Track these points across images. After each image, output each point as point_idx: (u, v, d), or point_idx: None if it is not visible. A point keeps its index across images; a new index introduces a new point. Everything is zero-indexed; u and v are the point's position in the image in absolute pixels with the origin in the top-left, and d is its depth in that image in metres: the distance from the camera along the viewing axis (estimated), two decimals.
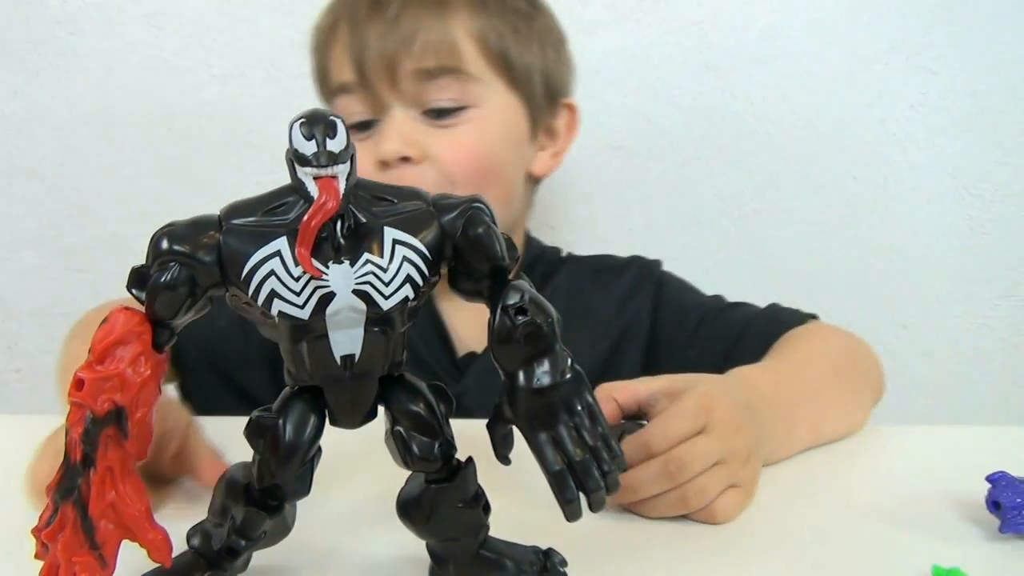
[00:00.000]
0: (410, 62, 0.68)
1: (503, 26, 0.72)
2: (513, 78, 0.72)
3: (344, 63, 0.70)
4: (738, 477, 0.48)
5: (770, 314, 0.77)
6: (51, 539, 0.31)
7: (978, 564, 0.40)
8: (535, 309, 0.33)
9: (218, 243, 0.32)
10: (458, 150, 0.69)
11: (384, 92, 0.69)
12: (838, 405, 0.61)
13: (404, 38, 0.68)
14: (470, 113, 0.70)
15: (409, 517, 0.36)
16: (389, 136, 0.68)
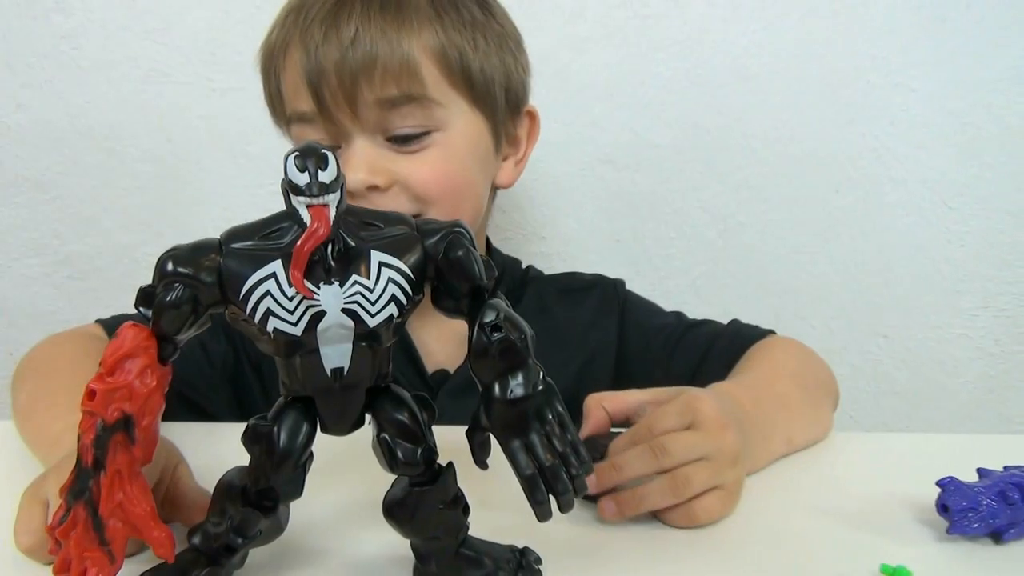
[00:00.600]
0: (370, 92, 0.65)
1: (462, 40, 0.69)
2: (475, 95, 0.70)
3: (300, 91, 0.67)
4: (724, 478, 0.49)
5: (732, 331, 0.79)
6: (64, 536, 0.34)
7: (926, 563, 0.43)
8: (510, 326, 0.36)
9: (218, 265, 0.34)
10: (428, 172, 0.67)
11: (345, 122, 0.66)
12: (805, 415, 0.64)
13: (363, 65, 0.65)
14: (435, 137, 0.68)
15: (394, 518, 0.39)
16: (354, 166, 0.65)
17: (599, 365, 0.80)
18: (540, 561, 0.42)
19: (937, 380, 1.13)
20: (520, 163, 0.80)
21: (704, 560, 0.45)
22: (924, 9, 1.03)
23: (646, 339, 0.80)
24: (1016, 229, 1.08)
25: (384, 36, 0.65)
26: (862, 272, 1.10)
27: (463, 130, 0.70)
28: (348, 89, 0.65)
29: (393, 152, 0.67)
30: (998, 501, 0.44)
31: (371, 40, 0.65)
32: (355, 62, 0.64)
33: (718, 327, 0.81)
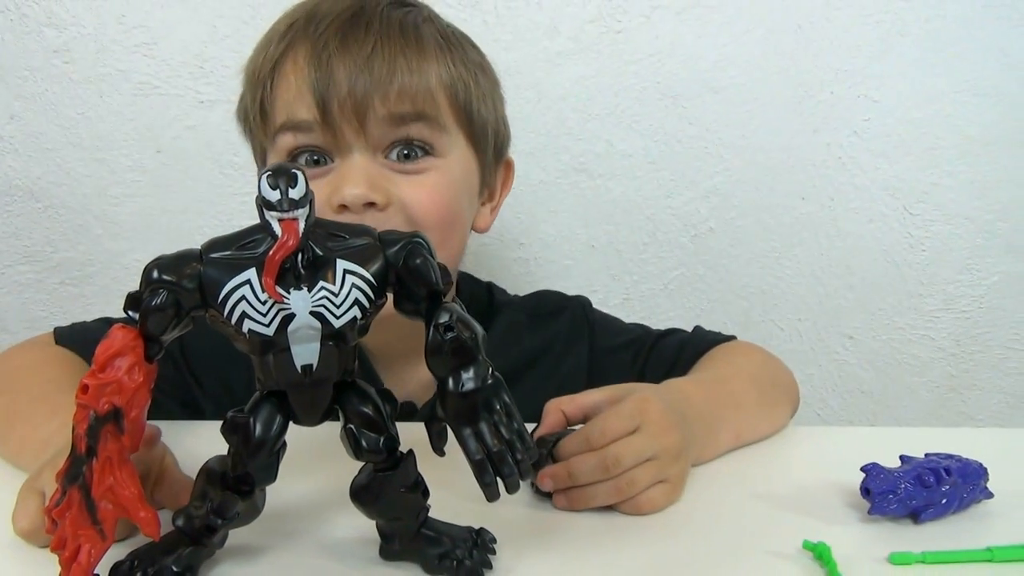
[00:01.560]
0: (383, 106, 0.63)
1: (467, 78, 0.69)
2: (472, 133, 0.70)
3: (302, 100, 0.64)
4: (668, 473, 0.53)
5: (697, 338, 0.82)
6: (60, 517, 0.38)
7: (847, 540, 0.47)
8: (461, 326, 0.39)
9: (199, 273, 0.38)
10: (425, 196, 0.66)
11: (349, 135, 0.64)
12: (757, 413, 0.67)
13: (380, 80, 0.63)
14: (435, 162, 0.67)
15: (360, 501, 0.43)
16: (353, 180, 0.63)
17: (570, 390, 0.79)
18: (495, 541, 0.46)
19: (901, 379, 1.17)
20: (494, 211, 0.79)
21: (646, 540, 0.49)
22: (885, 24, 1.07)
23: (616, 357, 0.82)
24: (975, 234, 1.12)
25: (403, 56, 0.64)
26: (828, 275, 1.13)
27: (460, 162, 0.70)
28: (359, 100, 0.63)
29: (391, 172, 0.66)
30: (915, 484, 0.49)
31: (390, 57, 0.64)
32: (372, 76, 0.63)
33: (683, 335, 0.83)
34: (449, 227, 0.68)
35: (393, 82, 0.63)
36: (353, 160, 0.65)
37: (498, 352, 0.81)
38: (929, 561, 0.45)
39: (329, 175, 0.66)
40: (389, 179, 0.65)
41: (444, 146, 0.68)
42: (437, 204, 0.66)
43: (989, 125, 1.09)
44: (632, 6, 1.06)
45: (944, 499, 0.49)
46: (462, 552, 0.44)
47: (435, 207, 0.66)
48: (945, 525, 0.50)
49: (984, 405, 1.18)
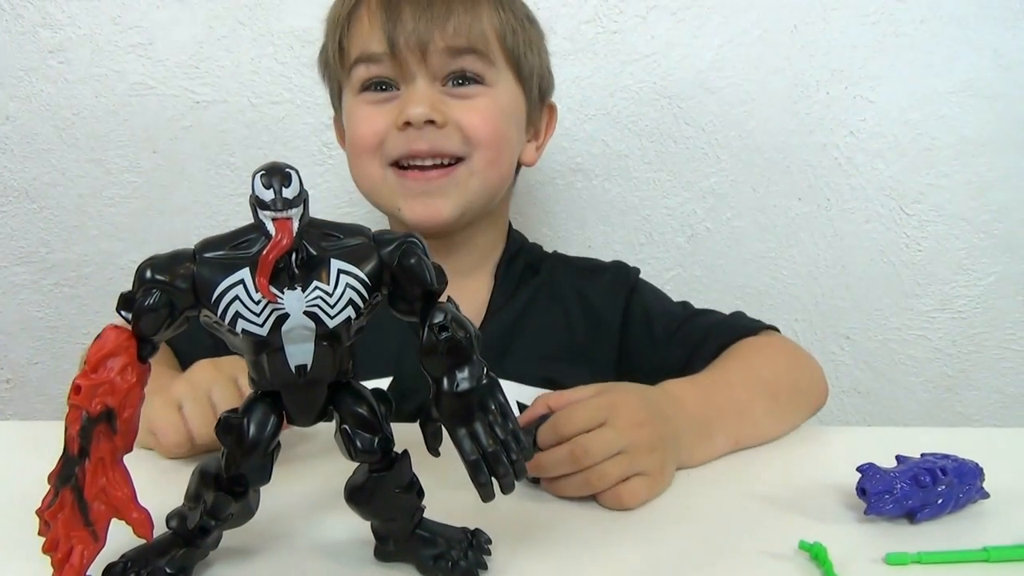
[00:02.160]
0: (441, 39, 0.73)
1: (516, 26, 0.79)
2: (519, 73, 0.79)
3: (374, 35, 0.75)
4: (642, 466, 0.53)
5: (730, 323, 0.81)
6: (52, 518, 0.37)
7: (844, 541, 0.47)
8: (456, 326, 0.39)
9: (192, 273, 0.38)
10: (477, 117, 0.75)
11: (413, 64, 0.74)
12: (762, 420, 0.66)
13: (438, 17, 0.73)
14: (485, 90, 0.77)
15: (355, 501, 0.43)
16: (417, 100, 0.73)
17: (605, 342, 0.83)
18: (490, 541, 0.45)
19: (898, 379, 1.17)
20: (540, 148, 0.88)
21: (642, 540, 0.49)
22: (881, 25, 1.07)
23: (649, 323, 0.83)
24: (971, 234, 1.12)
25: (460, 1, 0.75)
26: (824, 276, 1.13)
27: (508, 94, 0.79)
28: (422, 34, 0.73)
29: (449, 96, 0.76)
30: (911, 484, 0.48)
31: (447, 2, 0.74)
32: (432, 15, 0.73)
33: (718, 318, 0.83)
34: (499, 146, 0.78)
35: (450, 21, 0.74)
36: (416, 85, 0.75)
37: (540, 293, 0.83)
38: (925, 561, 0.45)
39: (395, 100, 0.76)
40: (446, 103, 0.75)
41: (493, 78, 0.77)
42: (488, 124, 0.76)
43: (985, 126, 1.09)
44: (628, 7, 1.07)
45: (940, 499, 0.49)
46: (457, 553, 0.44)
47: (485, 127, 0.76)
48: (941, 525, 0.50)
49: (980, 405, 1.18)
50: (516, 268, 0.86)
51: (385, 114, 0.76)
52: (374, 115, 0.76)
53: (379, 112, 0.76)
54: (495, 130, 0.77)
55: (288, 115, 1.08)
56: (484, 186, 0.78)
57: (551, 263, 0.89)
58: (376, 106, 0.77)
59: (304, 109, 1.08)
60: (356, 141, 0.78)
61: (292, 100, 1.08)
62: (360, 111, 0.78)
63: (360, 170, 0.79)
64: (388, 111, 0.75)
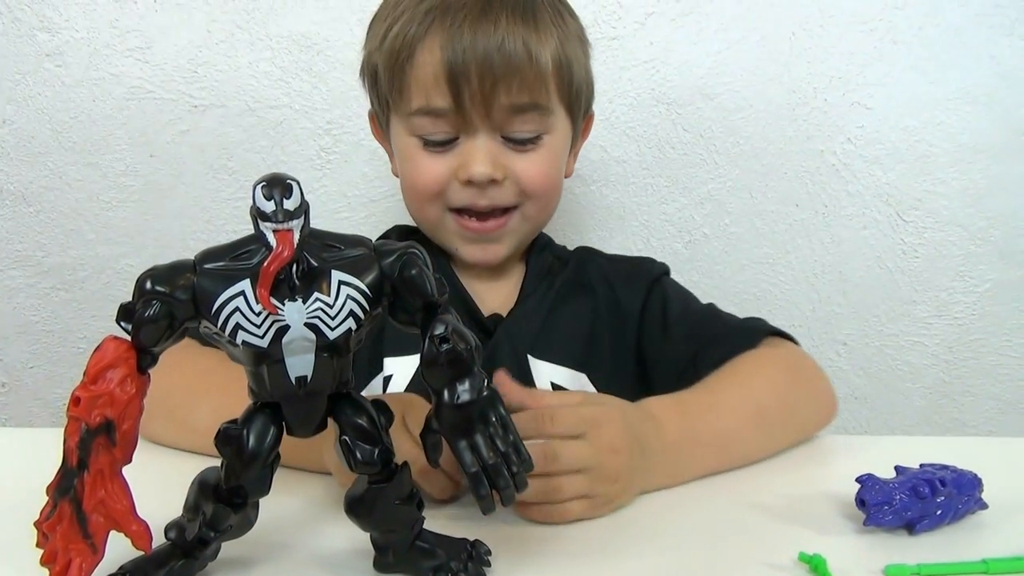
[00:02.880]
0: (507, 97, 0.72)
1: (572, 51, 0.77)
2: (571, 102, 0.79)
3: (438, 88, 0.72)
4: (597, 491, 0.52)
5: (742, 329, 0.78)
6: (51, 530, 0.37)
7: (843, 552, 0.47)
8: (457, 338, 0.39)
9: (193, 284, 0.38)
10: (537, 172, 0.76)
11: (476, 119, 0.73)
12: (745, 447, 0.64)
13: (505, 73, 0.71)
14: (544, 139, 0.77)
15: (354, 513, 0.43)
16: (480, 159, 0.73)
17: (626, 330, 0.84)
18: (490, 553, 0.45)
19: (895, 386, 1.17)
20: (575, 157, 0.88)
21: (641, 552, 0.49)
22: (878, 32, 1.08)
23: (664, 315, 0.83)
24: (967, 241, 1.13)
25: (524, 44, 0.72)
26: (821, 282, 1.14)
27: (561, 133, 0.79)
28: (487, 92, 0.71)
29: (508, 150, 0.76)
30: (910, 496, 0.49)
31: (515, 49, 0.71)
32: (498, 68, 0.71)
33: (734, 322, 0.81)
34: (552, 194, 0.81)
35: (515, 77, 0.72)
36: (478, 141, 0.75)
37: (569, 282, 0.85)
38: (924, 573, 0.45)
39: (455, 150, 0.76)
40: (507, 156, 0.76)
41: (551, 125, 0.77)
42: (544, 177, 0.78)
43: (981, 132, 1.10)
44: (627, 13, 1.07)
45: (939, 510, 0.49)
46: (457, 565, 0.44)
47: (543, 180, 0.78)
48: (940, 536, 0.50)
49: (977, 411, 1.19)
50: (545, 259, 0.87)
51: (445, 163, 0.76)
52: (434, 164, 0.76)
53: (439, 161, 0.76)
54: (550, 181, 0.79)
55: (286, 119, 1.08)
56: (535, 226, 0.83)
57: (579, 254, 0.91)
58: (436, 154, 0.76)
59: (302, 114, 1.08)
60: (415, 186, 0.78)
61: (290, 104, 1.08)
62: (419, 156, 0.77)
63: (419, 210, 0.80)
64: (448, 160, 0.75)
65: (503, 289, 0.85)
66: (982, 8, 1.07)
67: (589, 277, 0.87)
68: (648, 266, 0.89)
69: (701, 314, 0.83)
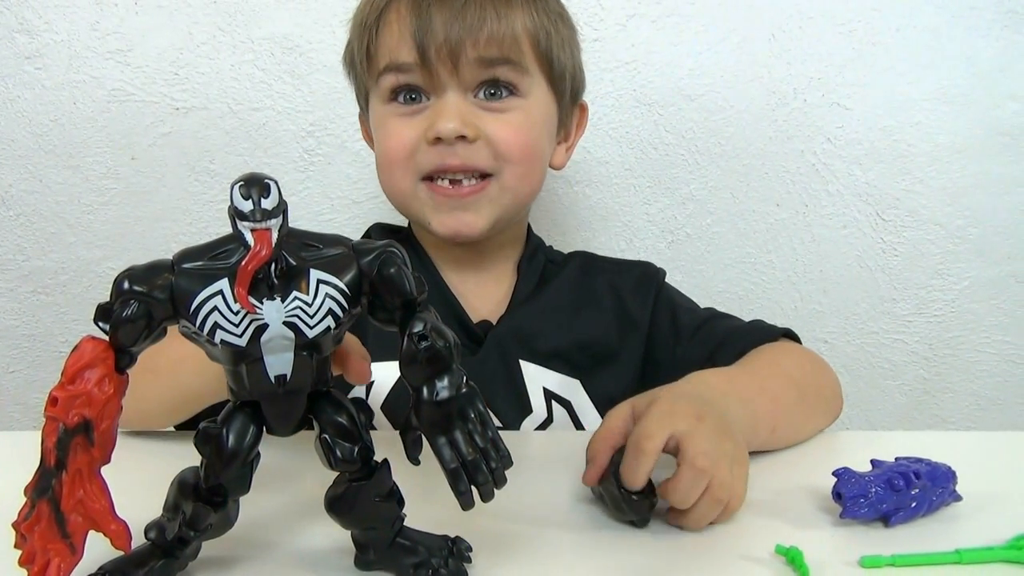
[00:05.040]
0: (473, 49, 0.71)
1: (549, 26, 0.76)
2: (552, 77, 0.77)
3: (403, 44, 0.72)
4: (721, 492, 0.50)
5: (749, 328, 0.80)
6: (29, 531, 0.37)
7: (819, 544, 0.48)
8: (435, 335, 0.39)
9: (171, 283, 0.38)
10: (512, 132, 0.74)
11: (444, 75, 0.71)
12: (793, 413, 0.65)
13: (471, 27, 0.70)
14: (518, 101, 0.74)
15: (335, 511, 0.43)
16: (448, 115, 0.71)
17: (634, 338, 0.83)
18: (471, 549, 0.46)
19: (876, 383, 1.18)
20: (569, 149, 0.86)
21: (620, 547, 0.49)
22: (857, 34, 1.09)
23: (674, 319, 0.83)
24: (946, 239, 1.14)
25: (492, 7, 0.72)
26: (802, 281, 1.15)
27: (540, 101, 0.77)
28: (453, 45, 0.70)
29: (480, 109, 0.73)
30: (885, 488, 0.49)
31: (480, 7, 0.71)
32: (464, 23, 0.70)
33: (738, 323, 0.82)
34: (530, 161, 0.76)
35: (483, 29, 0.71)
36: (447, 98, 0.73)
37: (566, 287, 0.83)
38: (899, 564, 0.46)
39: (425, 111, 0.74)
40: (478, 116, 0.73)
41: (526, 87, 0.75)
42: (520, 139, 0.75)
43: (959, 132, 1.11)
44: (608, 15, 1.07)
45: (914, 502, 0.50)
46: (438, 561, 0.44)
47: (518, 142, 0.74)
48: (915, 528, 0.51)
49: (956, 407, 1.20)
50: (538, 263, 0.86)
51: (415, 126, 0.74)
52: (404, 127, 0.75)
53: (409, 124, 0.75)
54: (526, 144, 0.75)
55: (269, 121, 1.08)
56: (515, 199, 0.78)
57: (578, 260, 0.89)
58: (406, 118, 0.75)
59: (285, 116, 1.08)
60: (386, 153, 0.77)
61: (273, 107, 1.08)
62: (389, 122, 0.76)
63: (390, 181, 0.78)
64: (418, 123, 0.74)
65: (494, 295, 0.83)
66: (959, 10, 1.08)
67: (593, 286, 0.85)
68: (652, 272, 0.89)
69: (708, 315, 0.84)
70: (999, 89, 1.10)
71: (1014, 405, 1.19)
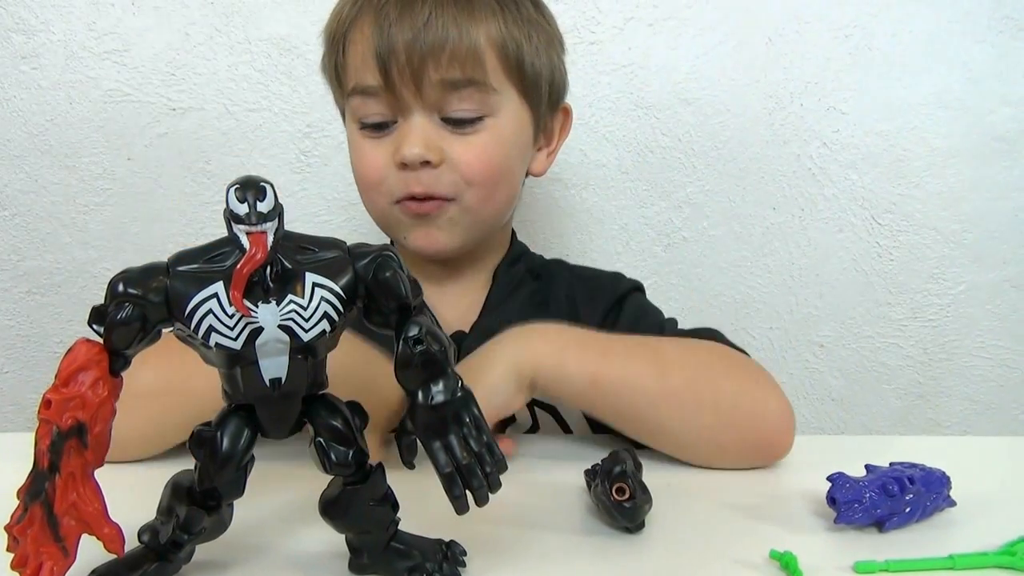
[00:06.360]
0: (436, 72, 0.69)
1: (519, 34, 0.74)
2: (525, 87, 0.75)
3: (367, 66, 0.71)
4: None
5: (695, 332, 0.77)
6: (22, 534, 0.37)
7: (813, 549, 0.48)
8: (431, 339, 0.39)
9: (165, 286, 0.38)
10: (475, 156, 0.72)
11: (408, 97, 0.70)
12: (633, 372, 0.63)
13: (433, 47, 0.69)
14: (486, 122, 0.73)
15: (329, 515, 0.43)
16: (412, 140, 0.70)
17: None
18: (465, 553, 0.45)
19: (871, 387, 1.19)
20: (551, 155, 0.85)
21: (614, 551, 0.49)
22: (854, 38, 1.09)
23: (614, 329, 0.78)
24: (941, 244, 1.14)
25: (455, 23, 0.70)
26: (798, 284, 1.15)
27: (511, 117, 0.75)
28: (416, 68, 0.69)
29: (447, 132, 0.72)
30: (880, 494, 0.49)
31: (442, 25, 0.69)
32: (425, 43, 0.69)
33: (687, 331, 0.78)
34: (494, 183, 0.75)
35: (444, 49, 0.69)
36: (413, 121, 0.72)
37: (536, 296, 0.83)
38: (892, 569, 0.46)
39: (392, 134, 0.73)
40: (444, 138, 0.72)
41: (494, 105, 0.73)
42: (484, 163, 0.73)
43: (954, 137, 1.11)
44: (606, 18, 1.07)
45: (908, 508, 0.50)
46: (432, 565, 0.44)
47: (482, 166, 0.73)
48: (909, 533, 0.51)
49: (952, 412, 1.20)
50: (516, 272, 0.85)
51: (383, 148, 0.73)
52: (373, 150, 0.74)
53: (378, 147, 0.74)
54: (490, 168, 0.73)
55: (265, 123, 1.08)
56: (478, 220, 0.76)
57: (552, 268, 0.88)
58: (374, 140, 0.74)
59: (282, 117, 1.08)
60: (359, 175, 0.76)
61: (269, 108, 1.08)
62: (362, 144, 0.75)
63: (368, 202, 0.78)
64: (386, 145, 0.73)
65: (466, 303, 0.82)
66: (954, 15, 1.08)
67: (557, 295, 0.84)
68: (615, 284, 0.86)
69: (653, 327, 0.79)
70: (994, 94, 1.10)
71: (1009, 410, 1.20)
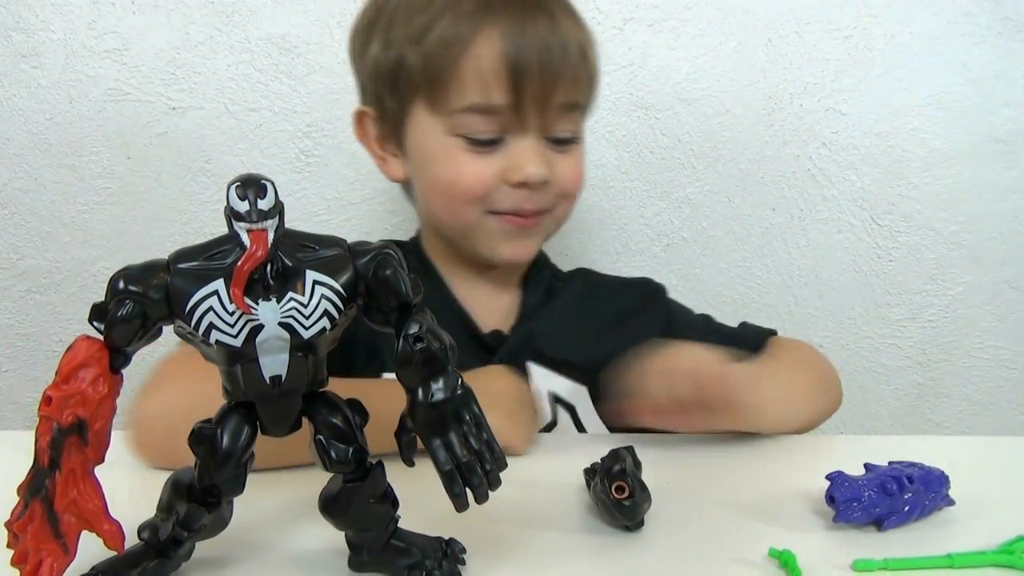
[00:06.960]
0: (563, 95, 0.70)
1: (594, 55, 0.77)
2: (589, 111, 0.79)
3: (497, 83, 0.68)
4: None
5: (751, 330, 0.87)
6: (22, 531, 0.37)
7: (812, 548, 0.48)
8: (431, 337, 0.39)
9: (166, 284, 0.38)
10: (574, 172, 0.76)
11: (531, 119, 0.70)
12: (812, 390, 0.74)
13: (562, 65, 0.68)
14: (578, 141, 0.77)
15: (329, 512, 0.43)
16: (536, 161, 0.70)
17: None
18: (465, 551, 0.46)
19: (870, 387, 1.19)
20: None
21: (613, 549, 0.49)
22: (853, 39, 1.09)
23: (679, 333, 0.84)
24: (940, 245, 1.15)
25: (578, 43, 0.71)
26: (797, 285, 1.15)
27: (583, 137, 0.79)
28: (548, 88, 0.69)
29: (550, 150, 0.73)
30: (879, 492, 0.49)
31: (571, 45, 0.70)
32: (559, 64, 0.69)
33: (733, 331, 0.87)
34: (579, 194, 0.79)
35: (571, 73, 0.70)
36: (528, 141, 0.72)
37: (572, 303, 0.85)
38: (891, 567, 0.46)
39: (501, 151, 0.72)
40: (551, 158, 0.74)
41: (583, 127, 0.78)
42: (580, 177, 0.78)
43: (953, 138, 1.12)
44: (606, 18, 1.08)
45: (907, 507, 0.50)
46: (432, 563, 0.44)
47: (578, 180, 0.78)
48: (908, 532, 0.51)
49: (950, 412, 1.21)
50: (544, 277, 0.86)
51: (490, 164, 0.71)
52: (478, 166, 0.71)
53: (484, 162, 0.71)
54: (582, 182, 0.78)
55: (265, 122, 1.08)
56: (558, 225, 0.81)
57: (582, 277, 0.90)
58: (480, 155, 0.71)
59: (281, 116, 1.08)
60: (455, 187, 0.73)
61: (270, 107, 1.08)
62: (461, 157, 0.72)
63: (449, 211, 0.75)
64: (493, 162, 0.71)
65: (500, 306, 0.83)
66: (954, 16, 1.09)
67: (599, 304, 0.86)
68: (653, 289, 0.91)
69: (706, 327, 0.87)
70: (994, 95, 1.11)
71: (1007, 410, 1.20)
